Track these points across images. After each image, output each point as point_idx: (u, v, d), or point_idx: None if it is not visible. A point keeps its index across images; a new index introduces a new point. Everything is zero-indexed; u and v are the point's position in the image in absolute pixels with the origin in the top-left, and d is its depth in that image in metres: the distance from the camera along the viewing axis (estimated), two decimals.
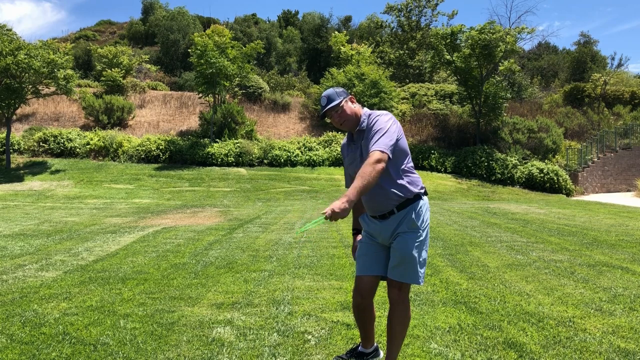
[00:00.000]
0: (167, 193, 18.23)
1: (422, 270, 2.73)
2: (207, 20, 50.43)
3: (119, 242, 7.67)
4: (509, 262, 6.04)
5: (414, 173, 2.77)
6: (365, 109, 2.82)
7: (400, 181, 2.69)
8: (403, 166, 2.72)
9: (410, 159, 2.78)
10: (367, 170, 2.41)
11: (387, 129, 2.61)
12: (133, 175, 20.67)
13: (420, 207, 2.72)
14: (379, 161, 2.46)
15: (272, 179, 20.81)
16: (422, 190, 2.77)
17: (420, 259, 2.71)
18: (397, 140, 2.65)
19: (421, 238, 2.71)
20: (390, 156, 2.55)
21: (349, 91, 17.34)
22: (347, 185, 2.96)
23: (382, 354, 3.05)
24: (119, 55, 30.40)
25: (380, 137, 2.57)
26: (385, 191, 2.67)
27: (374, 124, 2.66)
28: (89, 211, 12.97)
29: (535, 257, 6.31)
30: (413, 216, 2.69)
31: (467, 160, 22.75)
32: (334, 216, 2.30)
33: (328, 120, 2.83)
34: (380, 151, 2.50)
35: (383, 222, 2.75)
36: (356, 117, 2.77)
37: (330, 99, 2.74)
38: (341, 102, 2.74)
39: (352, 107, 2.78)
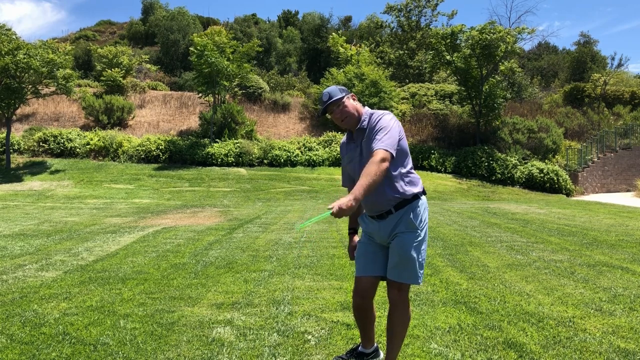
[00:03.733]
0: (167, 193, 18.23)
1: (421, 271, 2.72)
2: (207, 20, 50.46)
3: (119, 242, 7.67)
4: (509, 262, 6.03)
5: (413, 173, 2.76)
6: (367, 107, 2.81)
7: (399, 181, 2.68)
8: (403, 166, 2.71)
9: (410, 160, 2.77)
10: (373, 169, 2.39)
11: (391, 128, 2.59)
12: (133, 175, 20.66)
13: (419, 207, 2.71)
14: (383, 160, 2.44)
15: (272, 179, 20.81)
16: (421, 190, 2.76)
17: (419, 259, 2.69)
18: (399, 140, 2.64)
19: (419, 238, 2.70)
20: (394, 155, 2.53)
21: (349, 91, 17.30)
22: (344, 184, 2.95)
23: (382, 354, 3.05)
24: (119, 55, 30.40)
25: (384, 135, 2.55)
26: (384, 191, 2.65)
27: (376, 123, 2.64)
28: (89, 211, 12.97)
29: (535, 257, 6.31)
30: (411, 216, 2.68)
31: (467, 160, 22.74)
32: (339, 213, 2.27)
33: (329, 116, 2.80)
34: (384, 150, 2.48)
35: (381, 222, 2.74)
36: (358, 114, 2.75)
37: (332, 95, 2.72)
38: (343, 97, 2.73)
39: (353, 103, 2.76)
